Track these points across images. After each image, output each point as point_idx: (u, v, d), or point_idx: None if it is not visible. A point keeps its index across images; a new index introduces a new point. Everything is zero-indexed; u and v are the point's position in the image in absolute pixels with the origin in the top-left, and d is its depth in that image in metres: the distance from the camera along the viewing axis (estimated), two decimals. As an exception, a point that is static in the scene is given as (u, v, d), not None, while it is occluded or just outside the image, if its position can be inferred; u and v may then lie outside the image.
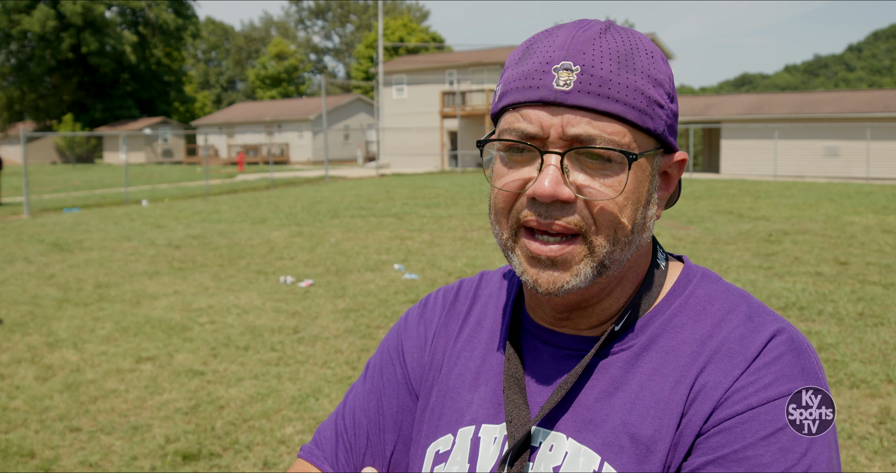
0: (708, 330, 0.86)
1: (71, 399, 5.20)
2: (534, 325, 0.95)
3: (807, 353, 0.84)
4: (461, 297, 1.05)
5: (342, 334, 6.74)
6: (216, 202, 20.57)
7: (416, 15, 78.39)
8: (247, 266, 10.23)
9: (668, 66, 0.87)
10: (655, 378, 0.85)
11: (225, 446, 4.39)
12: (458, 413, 0.95)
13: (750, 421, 0.79)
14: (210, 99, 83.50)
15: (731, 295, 0.90)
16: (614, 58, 0.81)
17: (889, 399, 4.87)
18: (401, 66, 41.98)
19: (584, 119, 0.80)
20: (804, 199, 18.60)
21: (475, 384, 0.96)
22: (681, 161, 0.90)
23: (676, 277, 0.94)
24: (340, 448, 1.02)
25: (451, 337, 1.02)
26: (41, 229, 14.81)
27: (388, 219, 15.43)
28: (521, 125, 0.82)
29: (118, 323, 7.23)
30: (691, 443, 0.82)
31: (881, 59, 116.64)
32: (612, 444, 0.84)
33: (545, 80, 0.81)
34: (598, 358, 0.89)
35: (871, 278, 8.64)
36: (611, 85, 0.80)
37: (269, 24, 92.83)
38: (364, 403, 1.03)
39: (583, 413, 0.87)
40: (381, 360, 1.06)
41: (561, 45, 0.82)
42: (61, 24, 58.94)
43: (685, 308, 0.90)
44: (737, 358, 0.83)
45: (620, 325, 0.89)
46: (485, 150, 0.89)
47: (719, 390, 0.82)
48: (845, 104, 29.59)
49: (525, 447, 0.87)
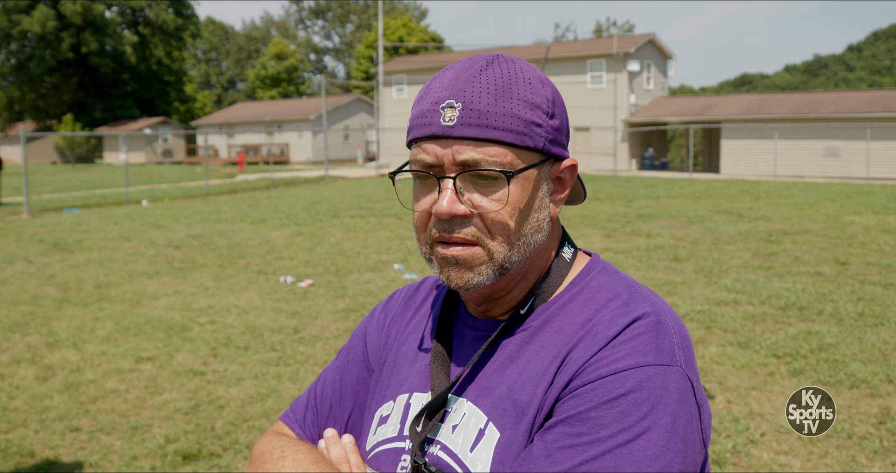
0: (590, 314, 1.01)
1: (71, 399, 5.20)
2: (466, 315, 1.14)
3: (667, 334, 0.96)
4: (421, 290, 1.25)
5: (342, 334, 6.74)
6: (216, 202, 20.56)
7: (414, 14, 78.36)
8: (247, 266, 10.23)
9: (548, 88, 1.02)
10: (541, 354, 1.00)
11: (225, 446, 4.39)
12: (398, 384, 1.14)
13: (598, 388, 0.92)
14: (210, 99, 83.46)
15: (618, 286, 1.04)
16: (492, 91, 0.97)
17: (889, 399, 4.87)
18: (401, 65, 41.98)
19: (469, 147, 0.96)
20: (804, 199, 18.60)
21: (414, 360, 1.15)
22: (570, 166, 1.05)
23: (580, 270, 1.09)
24: (309, 413, 1.23)
25: (405, 321, 1.22)
26: (41, 229, 14.80)
27: (388, 219, 15.43)
28: (422, 156, 0.99)
29: (118, 323, 7.23)
30: (551, 407, 0.96)
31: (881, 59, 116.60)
32: (497, 407, 1.00)
33: (434, 118, 0.98)
34: (504, 338, 1.05)
35: (871, 278, 8.64)
36: (489, 115, 0.96)
37: (270, 24, 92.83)
38: (332, 377, 1.25)
39: (483, 382, 1.04)
40: (349, 344, 1.28)
41: (447, 85, 0.99)
42: (61, 24, 58.91)
43: (579, 296, 1.05)
44: (600, 336, 0.96)
45: (525, 310, 1.05)
46: (395, 179, 1.08)
47: (579, 362, 0.96)
48: (845, 104, 29.58)
49: (439, 409, 1.04)
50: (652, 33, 36.31)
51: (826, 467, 3.97)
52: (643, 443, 0.89)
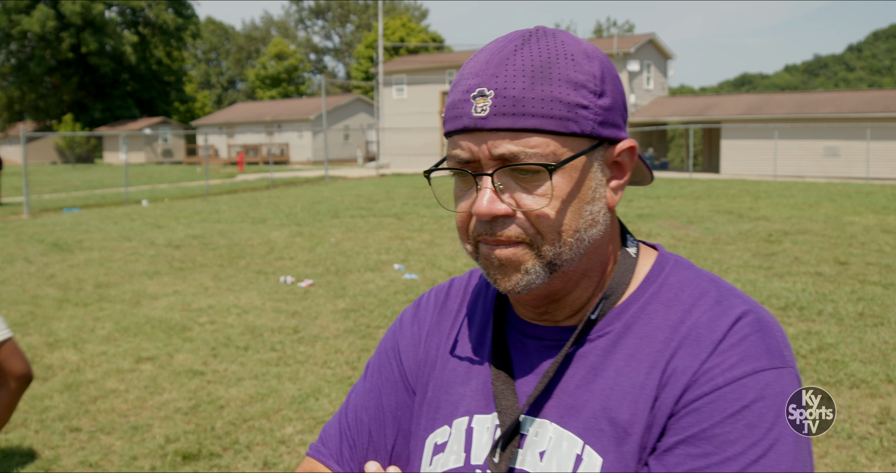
0: (679, 315, 0.91)
1: (71, 399, 5.20)
2: (519, 320, 1.01)
3: (772, 333, 0.89)
4: (452, 295, 1.12)
5: (342, 334, 6.74)
6: (216, 202, 20.56)
7: (414, 14, 78.37)
8: (247, 266, 10.23)
9: (595, 62, 0.90)
10: (631, 363, 0.91)
11: (225, 446, 4.39)
12: (452, 406, 1.01)
13: (717, 401, 0.84)
14: (210, 99, 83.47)
15: (701, 281, 0.95)
16: (527, 73, 0.86)
17: (889, 399, 4.87)
18: (401, 66, 41.98)
19: (506, 139, 0.86)
20: (804, 199, 18.60)
21: (467, 377, 1.02)
22: (629, 148, 0.94)
23: (650, 266, 0.99)
24: (344, 446, 1.08)
25: (444, 334, 1.08)
26: (41, 229, 14.80)
27: (388, 219, 15.43)
28: (457, 152, 0.90)
29: (118, 323, 7.23)
30: (664, 425, 0.87)
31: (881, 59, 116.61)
32: (592, 428, 0.90)
33: (466, 109, 0.88)
34: (578, 347, 0.95)
35: (871, 278, 8.64)
36: (525, 101, 0.85)
37: (270, 24, 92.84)
38: (364, 402, 1.10)
39: (565, 400, 0.92)
40: (380, 360, 1.12)
41: (478, 70, 0.89)
42: (61, 23, 58.93)
43: (658, 295, 0.95)
44: (704, 341, 0.88)
45: (597, 314, 0.94)
46: (430, 178, 0.98)
47: (688, 373, 0.87)
48: (845, 104, 29.58)
49: (514, 434, 0.93)
50: (652, 33, 36.32)
51: (826, 467, 3.97)
52: (776, 457, 0.83)
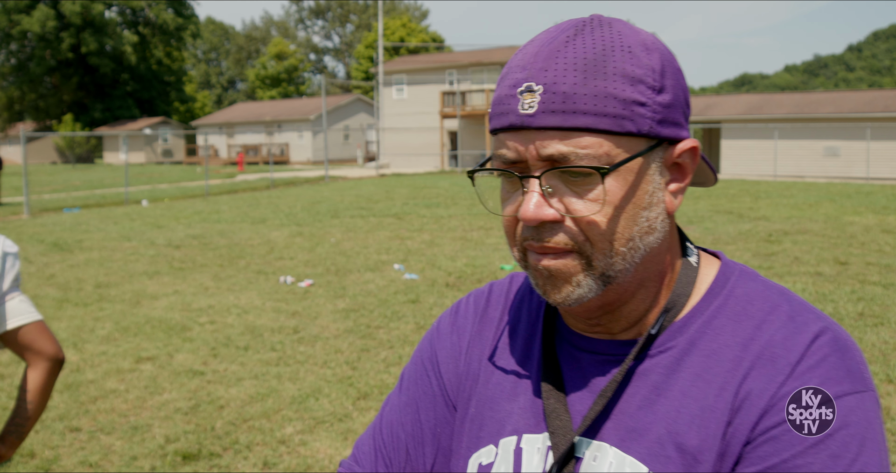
0: (749, 331, 0.85)
1: (71, 399, 5.20)
2: (569, 331, 0.94)
3: (851, 353, 0.83)
4: (493, 302, 1.04)
5: (342, 334, 6.74)
6: (216, 202, 20.56)
7: (415, 14, 78.38)
8: (247, 266, 10.23)
9: (655, 55, 0.83)
10: (698, 383, 0.84)
11: (225, 446, 4.39)
12: (498, 424, 0.94)
13: (798, 428, 0.78)
14: (210, 99, 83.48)
15: (770, 294, 0.88)
16: (580, 67, 0.79)
17: (889, 399, 4.87)
18: (401, 66, 41.98)
19: (555, 138, 0.80)
20: (804, 199, 18.60)
21: (514, 393, 0.95)
22: (690, 149, 0.86)
23: (714, 275, 0.91)
24: (380, 463, 1.01)
25: (486, 344, 1.00)
26: (41, 229, 14.81)
27: (388, 219, 15.43)
28: (502, 151, 0.84)
29: (118, 323, 7.23)
30: (739, 453, 0.80)
31: (881, 59, 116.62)
32: (658, 454, 0.83)
33: (512, 105, 0.81)
34: (637, 363, 0.87)
35: (871, 278, 8.64)
36: (576, 98, 0.79)
37: (270, 24, 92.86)
38: (401, 416, 1.02)
39: (626, 422, 0.85)
40: (416, 371, 1.05)
41: (526, 63, 0.82)
42: (61, 23, 58.94)
43: (725, 308, 0.88)
44: (780, 362, 0.81)
45: (657, 328, 0.87)
46: (475, 178, 0.90)
47: (764, 397, 0.80)
48: (845, 104, 29.58)
49: (569, 457, 0.86)
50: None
51: (826, 467, 3.97)
52: None
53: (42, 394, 2.04)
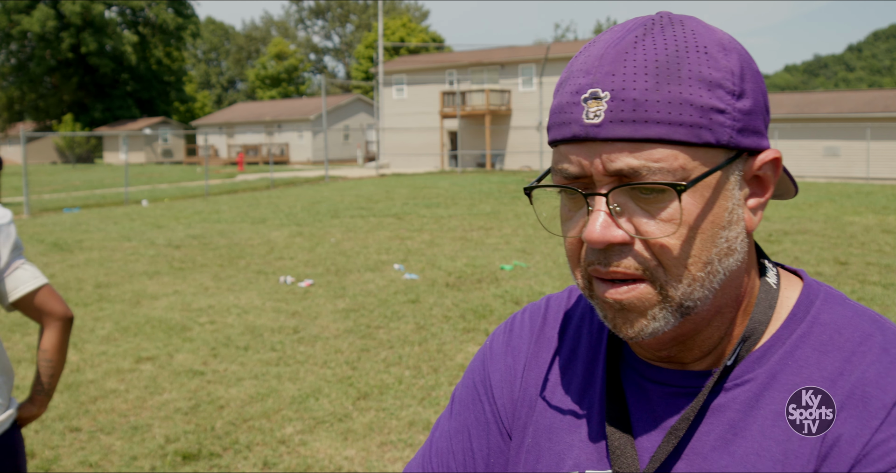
0: (838, 365, 0.76)
1: (71, 399, 5.20)
2: (635, 359, 0.85)
3: None
4: (549, 320, 0.95)
5: (342, 334, 6.74)
6: (216, 202, 20.57)
7: (415, 14, 78.40)
8: (247, 266, 10.23)
9: (733, 56, 0.74)
10: (780, 423, 0.75)
11: (225, 446, 4.39)
12: (557, 457, 0.86)
13: None
14: (210, 99, 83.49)
15: (861, 321, 0.79)
16: (651, 71, 0.71)
17: (889, 399, 4.87)
18: (401, 66, 41.99)
19: (624, 151, 0.71)
20: (804, 199, 18.60)
21: (574, 424, 0.86)
22: (773, 160, 0.78)
23: (796, 298, 0.82)
24: None
25: (544, 368, 0.91)
26: (41, 229, 14.81)
27: (388, 219, 15.43)
28: (564, 165, 0.75)
29: (118, 323, 7.23)
30: None
31: (881, 59, 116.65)
32: None
33: (576, 114, 0.73)
34: (711, 397, 0.79)
35: (871, 278, 8.64)
36: (648, 105, 0.70)
37: (270, 24, 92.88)
38: (451, 444, 0.95)
39: (699, 463, 0.77)
40: (468, 395, 0.96)
41: (590, 67, 0.73)
42: (61, 23, 58.96)
43: (809, 337, 0.78)
44: (874, 403, 0.72)
45: (733, 360, 0.79)
46: (532, 196, 0.81)
47: (857, 444, 0.71)
48: (845, 104, 29.60)
49: None
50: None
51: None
52: None
53: (60, 352, 2.19)
